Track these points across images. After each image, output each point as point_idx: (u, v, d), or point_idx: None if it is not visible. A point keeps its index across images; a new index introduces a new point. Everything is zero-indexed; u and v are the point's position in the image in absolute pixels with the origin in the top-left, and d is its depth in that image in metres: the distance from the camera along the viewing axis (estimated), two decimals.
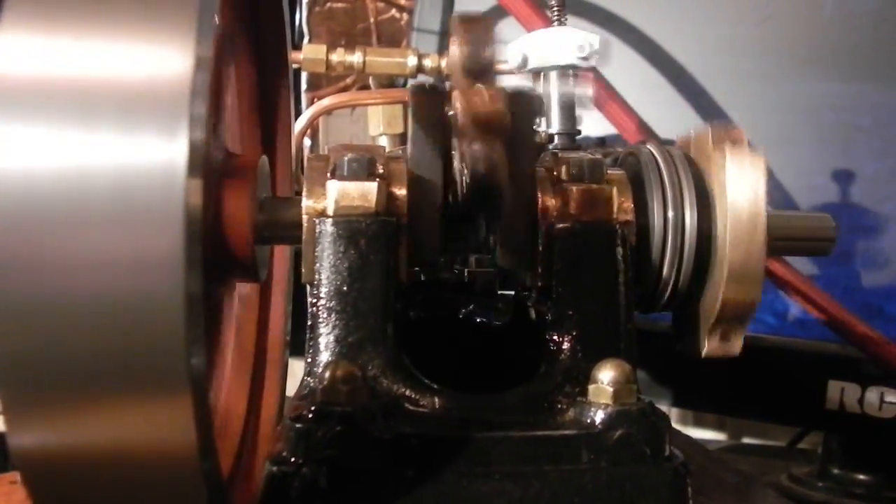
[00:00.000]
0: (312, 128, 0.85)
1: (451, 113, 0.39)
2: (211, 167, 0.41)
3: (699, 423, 1.02)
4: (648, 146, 0.45)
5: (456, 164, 0.41)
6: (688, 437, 0.68)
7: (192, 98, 0.32)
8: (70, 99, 0.32)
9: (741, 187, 0.42)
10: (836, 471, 0.74)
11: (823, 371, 0.70)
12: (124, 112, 0.32)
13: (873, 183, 0.72)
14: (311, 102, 0.96)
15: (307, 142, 0.97)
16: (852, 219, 0.72)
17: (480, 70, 0.37)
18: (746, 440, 0.98)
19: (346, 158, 0.40)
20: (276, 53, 0.52)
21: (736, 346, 0.44)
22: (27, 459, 0.33)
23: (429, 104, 0.41)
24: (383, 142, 0.77)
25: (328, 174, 0.40)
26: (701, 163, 0.45)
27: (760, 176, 0.42)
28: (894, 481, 0.72)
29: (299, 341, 0.42)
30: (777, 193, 0.74)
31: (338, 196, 0.40)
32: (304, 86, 0.99)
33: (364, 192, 0.39)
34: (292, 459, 0.35)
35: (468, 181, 0.39)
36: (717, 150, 0.43)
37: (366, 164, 0.40)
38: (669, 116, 0.76)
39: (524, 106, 0.42)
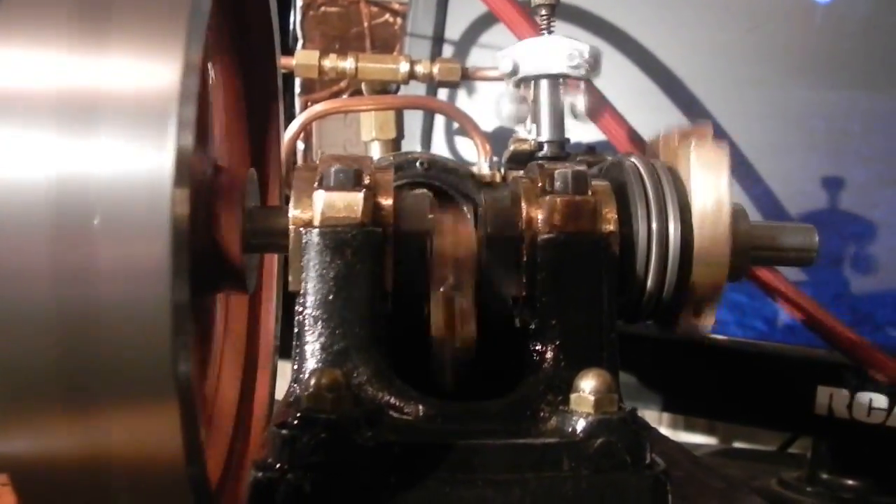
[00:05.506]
0: (306, 132, 0.85)
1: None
2: (199, 179, 0.41)
3: (690, 428, 1.02)
4: (632, 158, 0.46)
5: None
6: (675, 443, 0.69)
7: (181, 104, 0.32)
8: (56, 107, 0.32)
9: (706, 177, 0.44)
10: (824, 476, 0.74)
11: (812, 376, 0.70)
12: (111, 120, 0.32)
13: (863, 189, 0.72)
14: (304, 106, 0.97)
15: (300, 145, 0.98)
16: (842, 225, 0.72)
17: None
18: (737, 445, 0.99)
19: (332, 169, 0.40)
20: (264, 64, 0.52)
21: (708, 322, 0.46)
22: (16, 464, 0.33)
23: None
24: (375, 147, 0.77)
25: (315, 184, 0.41)
26: (669, 158, 0.47)
27: (724, 167, 0.44)
28: (882, 486, 0.72)
29: (289, 344, 0.42)
30: (767, 200, 0.74)
31: (324, 206, 0.40)
32: (297, 89, 0.99)
33: (350, 203, 0.40)
34: (277, 465, 0.35)
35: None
36: (683, 145, 0.45)
37: (352, 175, 0.40)
38: (660, 123, 0.76)
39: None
